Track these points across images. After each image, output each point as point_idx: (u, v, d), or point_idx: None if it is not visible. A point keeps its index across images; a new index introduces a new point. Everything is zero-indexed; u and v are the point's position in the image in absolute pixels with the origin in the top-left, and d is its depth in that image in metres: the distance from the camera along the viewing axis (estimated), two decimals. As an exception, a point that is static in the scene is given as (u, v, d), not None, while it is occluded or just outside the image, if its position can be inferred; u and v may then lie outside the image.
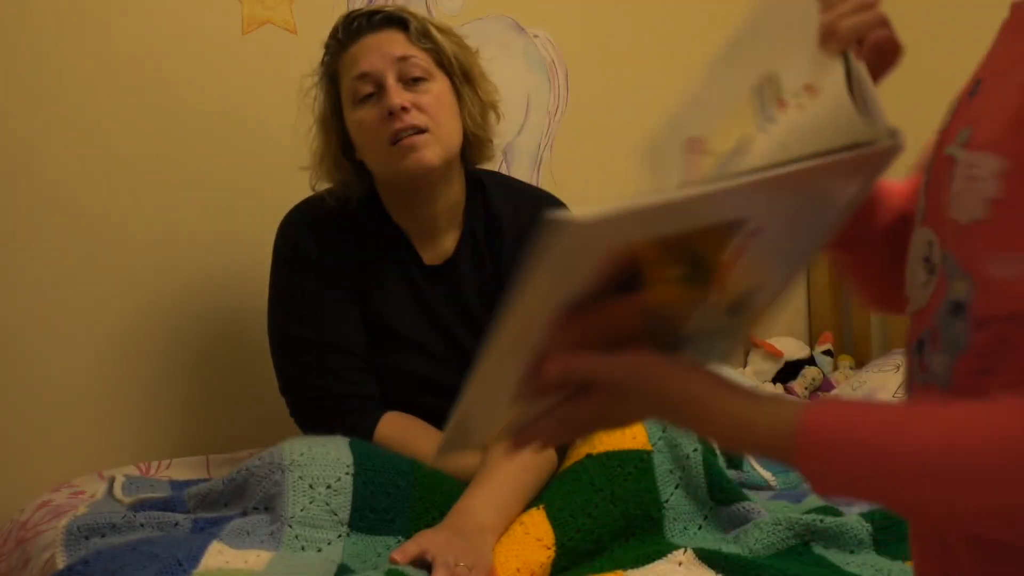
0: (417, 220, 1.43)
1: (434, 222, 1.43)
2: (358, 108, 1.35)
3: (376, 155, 1.36)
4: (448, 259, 1.44)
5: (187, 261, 1.83)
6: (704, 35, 2.83)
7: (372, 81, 1.34)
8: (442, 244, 1.44)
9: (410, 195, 1.40)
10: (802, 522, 1.18)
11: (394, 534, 1.16)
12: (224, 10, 1.89)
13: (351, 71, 1.35)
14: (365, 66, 1.34)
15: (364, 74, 1.34)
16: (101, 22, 1.75)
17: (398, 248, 1.43)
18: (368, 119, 1.34)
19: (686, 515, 1.22)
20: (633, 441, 1.23)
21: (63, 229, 1.70)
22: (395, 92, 1.32)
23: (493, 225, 1.45)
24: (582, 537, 1.13)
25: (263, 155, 1.93)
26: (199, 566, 1.02)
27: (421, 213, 1.42)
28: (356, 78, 1.34)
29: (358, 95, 1.34)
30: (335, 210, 1.43)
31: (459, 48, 1.41)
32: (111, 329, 1.75)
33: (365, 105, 1.34)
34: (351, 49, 1.37)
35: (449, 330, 1.42)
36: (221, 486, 1.24)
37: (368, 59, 1.34)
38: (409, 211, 1.43)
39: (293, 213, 1.46)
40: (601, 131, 2.57)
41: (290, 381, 1.38)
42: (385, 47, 1.34)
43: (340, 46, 1.39)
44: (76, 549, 1.12)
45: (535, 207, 1.46)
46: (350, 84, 1.36)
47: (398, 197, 1.42)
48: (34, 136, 1.68)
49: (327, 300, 1.38)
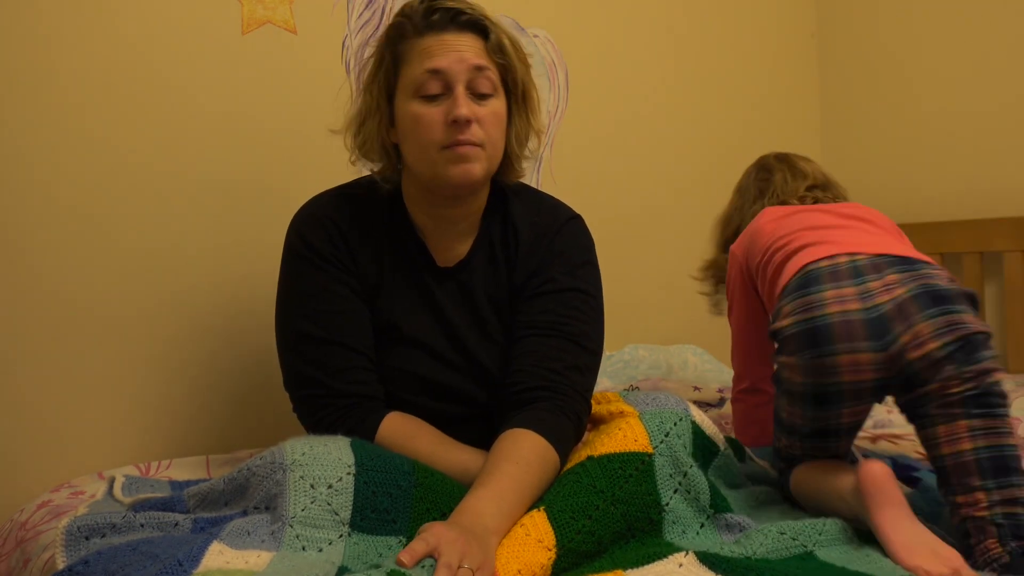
0: (436, 221, 1.43)
1: (454, 226, 1.43)
2: (419, 102, 1.33)
3: (423, 153, 1.34)
4: (461, 261, 1.44)
5: (187, 261, 1.83)
6: (704, 35, 2.83)
7: (442, 81, 1.32)
8: (457, 247, 1.44)
9: (438, 197, 1.40)
10: (805, 531, 1.18)
11: (395, 534, 1.15)
12: (224, 10, 1.89)
13: (422, 62, 1.32)
14: (440, 64, 1.31)
15: (437, 71, 1.31)
16: (101, 22, 1.75)
17: (412, 247, 1.43)
18: (428, 117, 1.32)
19: (686, 519, 1.21)
20: (635, 444, 1.23)
21: (63, 229, 1.70)
22: (464, 102, 1.31)
23: (509, 232, 1.45)
24: (583, 539, 1.13)
25: (263, 154, 1.93)
26: (199, 566, 1.02)
27: (442, 215, 1.42)
28: (427, 72, 1.31)
29: (423, 89, 1.32)
30: (348, 206, 1.43)
31: (525, 69, 1.41)
32: (111, 329, 1.75)
33: (428, 101, 1.32)
34: (427, 39, 1.33)
35: (456, 333, 1.42)
36: (222, 485, 1.24)
37: (445, 58, 1.32)
38: (430, 211, 1.42)
39: (306, 208, 1.45)
40: (601, 131, 2.57)
41: (295, 377, 1.38)
42: (464, 51, 1.33)
43: (415, 31, 1.35)
44: (76, 549, 1.12)
45: (552, 218, 1.47)
46: (417, 75, 1.33)
47: (424, 195, 1.41)
48: (34, 136, 1.68)
49: (337, 298, 1.38)
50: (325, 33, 2.04)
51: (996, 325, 2.64)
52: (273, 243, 1.53)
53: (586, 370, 1.38)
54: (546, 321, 1.38)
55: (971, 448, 1.24)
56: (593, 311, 1.43)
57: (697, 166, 2.80)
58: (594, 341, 1.42)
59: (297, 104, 1.97)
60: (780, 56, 3.05)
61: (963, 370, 1.27)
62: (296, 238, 1.41)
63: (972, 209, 2.70)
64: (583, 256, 1.46)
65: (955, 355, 1.27)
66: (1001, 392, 1.28)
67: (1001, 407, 1.27)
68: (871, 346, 1.30)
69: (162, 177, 1.81)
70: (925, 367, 1.28)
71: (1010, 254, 2.57)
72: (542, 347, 1.36)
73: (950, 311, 1.30)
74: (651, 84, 2.70)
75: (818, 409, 1.35)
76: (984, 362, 1.28)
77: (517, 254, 1.44)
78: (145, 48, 1.79)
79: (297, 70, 1.98)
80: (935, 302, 1.30)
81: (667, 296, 2.69)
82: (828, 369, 1.32)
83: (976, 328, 1.29)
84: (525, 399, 1.32)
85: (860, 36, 3.04)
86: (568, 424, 1.30)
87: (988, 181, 2.69)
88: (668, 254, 2.71)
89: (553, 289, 1.41)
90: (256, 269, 1.87)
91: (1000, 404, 1.27)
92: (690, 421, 1.31)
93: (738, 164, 2.99)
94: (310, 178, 1.70)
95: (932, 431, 1.29)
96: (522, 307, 1.42)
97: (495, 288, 1.44)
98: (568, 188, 2.35)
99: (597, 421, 1.38)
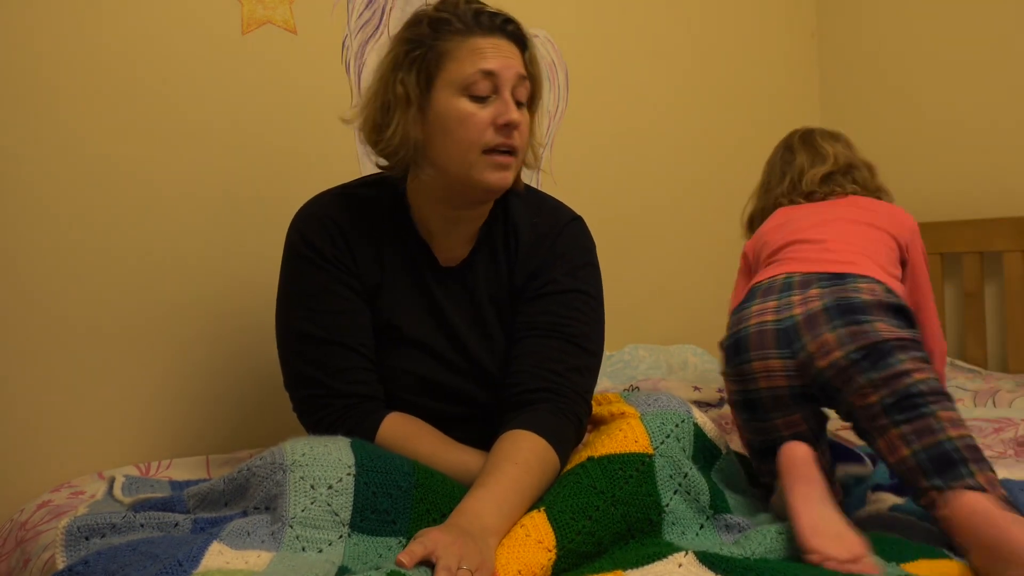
0: (445, 221, 1.41)
1: (461, 226, 1.42)
2: (468, 100, 1.32)
3: (462, 153, 1.32)
4: (464, 260, 1.44)
5: (186, 261, 1.83)
6: (703, 35, 2.83)
7: (492, 83, 1.32)
8: (459, 246, 1.44)
9: (459, 198, 1.38)
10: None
11: (395, 535, 1.15)
12: (224, 10, 1.89)
13: (475, 61, 1.31)
14: (493, 65, 1.31)
15: (490, 72, 1.31)
16: (101, 22, 1.75)
17: (414, 246, 1.43)
18: (476, 117, 1.31)
19: (685, 519, 1.21)
20: (635, 445, 1.23)
21: (62, 229, 1.70)
22: (514, 107, 1.32)
23: (511, 232, 1.45)
24: (583, 539, 1.13)
25: (264, 154, 1.93)
26: (199, 566, 1.02)
27: (454, 216, 1.41)
28: (480, 72, 1.30)
29: (473, 88, 1.31)
30: (349, 205, 1.42)
31: (541, 86, 1.42)
32: (111, 329, 1.75)
33: (476, 101, 1.32)
34: (477, 38, 1.32)
35: (456, 333, 1.42)
36: (222, 485, 1.24)
37: (497, 61, 1.32)
38: (443, 211, 1.40)
39: (307, 208, 1.44)
40: (600, 131, 2.57)
41: (295, 377, 1.38)
42: (511, 59, 1.33)
43: (465, 28, 1.33)
44: (76, 549, 1.12)
45: (553, 220, 1.47)
46: (468, 73, 1.31)
47: (442, 194, 1.38)
48: (34, 137, 1.68)
49: (338, 298, 1.37)
50: (325, 33, 2.04)
51: (996, 325, 2.64)
52: (273, 243, 1.53)
53: (586, 372, 1.38)
54: (547, 322, 1.38)
55: (910, 454, 1.27)
56: (594, 313, 1.43)
57: (696, 166, 2.80)
58: (595, 343, 1.42)
59: (297, 104, 1.97)
60: (780, 56, 3.05)
61: (872, 378, 1.32)
62: (297, 237, 1.41)
63: (972, 209, 2.71)
64: (584, 258, 1.46)
65: (860, 363, 1.33)
66: (925, 391, 1.30)
67: (928, 405, 1.28)
68: (780, 353, 1.40)
69: (161, 177, 1.81)
70: (833, 375, 1.35)
71: (1010, 254, 2.57)
72: (543, 348, 1.36)
73: (859, 321, 1.36)
74: (651, 84, 2.70)
75: (751, 416, 1.44)
76: (894, 367, 1.31)
77: (517, 254, 1.44)
78: (145, 48, 1.79)
79: (297, 70, 1.98)
80: (844, 313, 1.38)
81: (667, 296, 2.69)
82: (747, 376, 1.43)
83: (886, 336, 1.33)
84: (525, 400, 1.32)
85: (860, 36, 3.04)
86: (568, 426, 1.30)
87: (988, 181, 2.70)
88: (668, 254, 2.71)
89: (554, 290, 1.41)
90: (255, 269, 1.87)
91: (927, 403, 1.29)
92: (692, 423, 1.31)
93: (738, 164, 2.99)
94: (310, 178, 1.70)
95: (875, 446, 1.34)
96: (523, 308, 1.42)
97: (496, 288, 1.44)
98: (567, 188, 2.35)
99: (598, 422, 1.38)
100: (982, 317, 2.63)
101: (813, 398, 1.41)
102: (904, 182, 2.50)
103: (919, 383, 1.30)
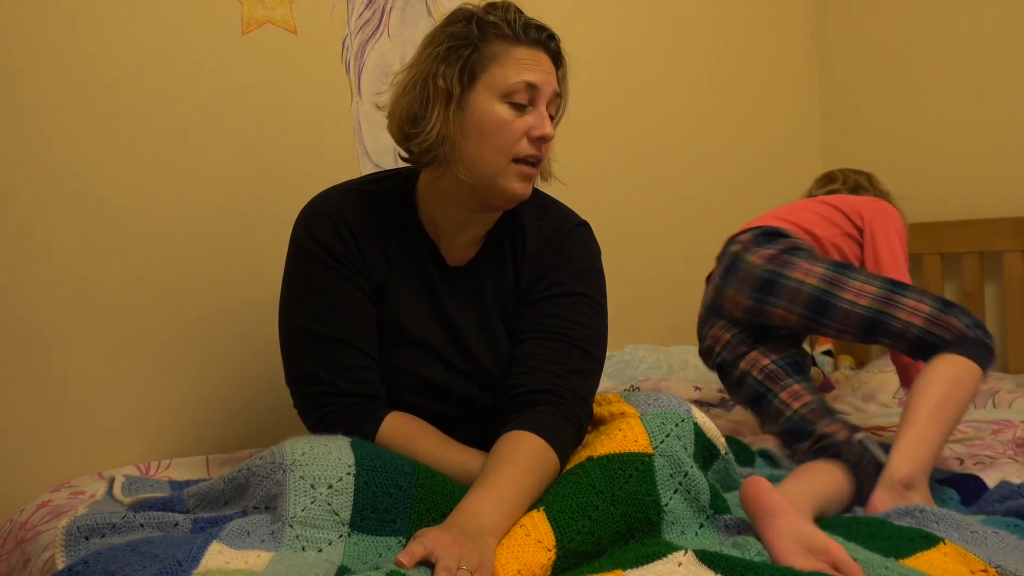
0: (457, 222, 1.41)
1: (468, 228, 1.42)
2: (507, 107, 1.33)
3: (492, 158, 1.33)
4: (471, 261, 1.44)
5: (187, 261, 1.83)
6: (704, 36, 2.83)
7: (531, 95, 1.33)
8: (467, 247, 1.44)
9: (477, 201, 1.38)
10: None
11: (395, 535, 1.15)
12: (224, 10, 1.89)
13: (520, 71, 1.32)
14: (536, 78, 1.33)
15: (532, 84, 1.33)
16: (101, 22, 1.75)
17: (421, 246, 1.42)
18: (513, 125, 1.33)
19: (685, 519, 1.21)
20: (635, 444, 1.23)
21: (62, 229, 1.70)
22: (549, 123, 1.35)
23: (518, 235, 1.45)
24: (582, 539, 1.13)
25: (263, 154, 1.93)
26: (199, 566, 1.02)
27: (467, 218, 1.41)
28: (525, 82, 1.32)
29: (514, 96, 1.32)
30: (358, 202, 1.41)
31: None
32: (112, 329, 1.75)
33: (515, 109, 1.33)
34: (524, 50, 1.34)
35: (459, 335, 1.41)
36: (221, 485, 1.24)
37: (539, 73, 1.34)
38: (457, 213, 1.40)
39: (315, 204, 1.43)
40: (601, 131, 2.57)
41: (298, 373, 1.37)
42: (550, 75, 1.36)
43: (514, 37, 1.34)
44: (76, 549, 1.12)
45: (560, 224, 1.47)
46: (513, 81, 1.32)
47: (461, 196, 1.38)
48: (34, 137, 1.68)
49: (344, 296, 1.37)
50: (325, 33, 2.04)
51: (996, 325, 2.64)
52: (273, 243, 1.53)
53: (588, 374, 1.38)
54: (551, 325, 1.38)
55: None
56: (598, 317, 1.43)
57: (696, 166, 2.80)
58: (598, 346, 1.41)
59: (297, 104, 1.98)
60: (780, 56, 3.05)
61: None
62: (306, 234, 1.39)
63: (972, 209, 2.71)
64: (590, 262, 1.46)
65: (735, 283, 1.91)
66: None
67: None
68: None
69: (160, 176, 1.81)
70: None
71: (1010, 254, 2.57)
72: (545, 350, 1.36)
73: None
74: (651, 84, 2.71)
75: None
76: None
77: (524, 257, 1.44)
78: (145, 48, 1.79)
79: (297, 70, 1.98)
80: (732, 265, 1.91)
81: (667, 296, 2.69)
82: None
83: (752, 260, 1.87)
84: (526, 401, 1.32)
85: (860, 36, 3.04)
86: (569, 428, 1.30)
87: (988, 181, 2.70)
88: (668, 254, 2.71)
89: (559, 293, 1.41)
90: (256, 268, 1.87)
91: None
92: (692, 423, 1.31)
93: (737, 164, 2.99)
94: (310, 178, 1.70)
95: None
96: (527, 310, 1.42)
97: (501, 290, 1.44)
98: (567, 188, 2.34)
99: (598, 422, 1.38)
100: (982, 317, 2.63)
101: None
102: (904, 182, 2.50)
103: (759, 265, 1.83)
